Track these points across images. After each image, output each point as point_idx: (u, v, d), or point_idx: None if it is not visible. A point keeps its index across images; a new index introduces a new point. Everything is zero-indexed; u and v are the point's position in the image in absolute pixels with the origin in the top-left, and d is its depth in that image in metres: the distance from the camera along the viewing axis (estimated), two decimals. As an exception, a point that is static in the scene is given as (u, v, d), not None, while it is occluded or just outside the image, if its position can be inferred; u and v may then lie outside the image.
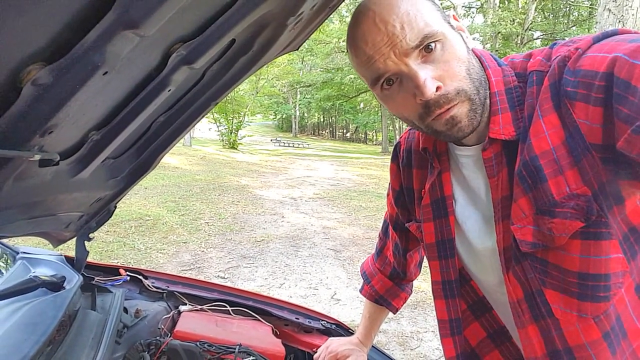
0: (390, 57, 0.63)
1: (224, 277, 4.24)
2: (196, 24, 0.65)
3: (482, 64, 0.72)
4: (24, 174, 0.60)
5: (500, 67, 0.72)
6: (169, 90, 0.75)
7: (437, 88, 0.63)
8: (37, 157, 0.54)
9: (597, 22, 6.16)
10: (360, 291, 1.20)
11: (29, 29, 0.39)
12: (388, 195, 1.01)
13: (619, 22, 5.68)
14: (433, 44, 0.63)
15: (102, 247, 4.78)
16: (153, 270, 1.46)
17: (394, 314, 1.18)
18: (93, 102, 0.62)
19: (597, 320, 0.66)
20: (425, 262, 1.05)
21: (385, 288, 1.14)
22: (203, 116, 1.06)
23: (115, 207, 1.18)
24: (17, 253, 1.26)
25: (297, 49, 1.09)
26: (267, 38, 0.84)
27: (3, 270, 1.27)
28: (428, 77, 0.62)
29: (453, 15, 0.71)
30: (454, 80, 0.64)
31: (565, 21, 23.39)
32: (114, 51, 0.48)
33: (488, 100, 0.70)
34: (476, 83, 0.66)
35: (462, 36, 0.69)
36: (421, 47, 0.63)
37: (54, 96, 0.48)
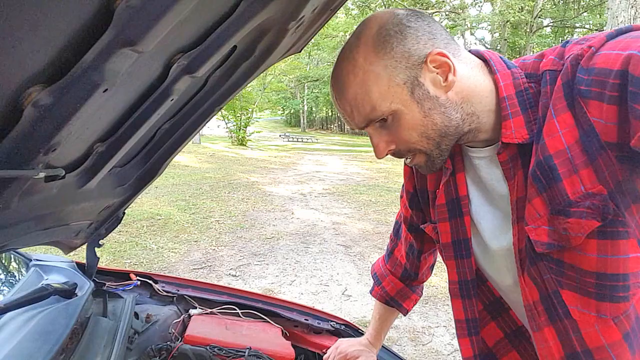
0: (352, 124, 0.74)
1: (235, 275, 4.27)
2: (196, 34, 0.64)
3: (490, 68, 0.71)
4: (31, 190, 0.61)
5: (510, 70, 0.70)
6: (172, 100, 0.75)
7: (389, 150, 0.72)
8: (42, 174, 0.54)
9: (608, 8, 6.03)
10: (371, 292, 1.20)
11: (27, 53, 0.39)
12: (402, 197, 1.01)
13: (632, 7, 5.55)
14: (385, 118, 0.69)
15: (115, 247, 4.84)
16: (163, 274, 1.47)
17: (404, 315, 1.18)
18: (96, 117, 0.62)
19: (617, 321, 0.66)
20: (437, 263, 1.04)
21: (396, 289, 1.14)
22: (208, 121, 1.07)
23: (124, 213, 1.19)
24: (30, 260, 1.28)
25: (300, 51, 1.08)
26: (269, 43, 0.83)
27: (17, 275, 1.29)
28: (380, 143, 0.72)
29: (438, 53, 0.66)
30: (406, 144, 0.71)
31: (576, 7, 22.90)
32: (113, 69, 0.48)
33: (492, 105, 0.69)
34: (436, 139, 0.70)
35: (424, 98, 0.67)
36: (371, 124, 0.70)
37: (56, 116, 0.48)
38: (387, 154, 0.73)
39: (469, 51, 0.74)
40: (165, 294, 1.35)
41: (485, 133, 0.71)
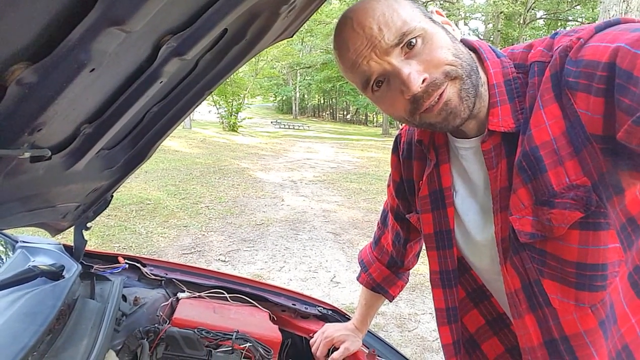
0: (372, 59, 0.65)
1: (224, 261, 4.28)
2: (185, 15, 0.63)
3: (480, 56, 0.71)
4: (16, 171, 0.60)
5: (499, 59, 0.71)
6: (161, 82, 0.74)
7: (424, 80, 0.64)
8: (27, 154, 0.54)
9: (601, 2, 6.04)
10: (358, 279, 1.22)
11: (11, 29, 0.38)
12: (389, 186, 1.02)
13: (623, 1, 5.57)
14: (414, 40, 0.64)
15: (104, 231, 4.81)
16: (151, 257, 1.47)
17: (390, 301, 1.20)
18: (83, 97, 0.61)
19: (594, 309, 0.67)
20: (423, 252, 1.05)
21: (383, 276, 1.16)
22: (198, 105, 1.05)
23: (112, 196, 1.19)
24: (17, 242, 1.27)
25: (292, 36, 1.07)
26: (260, 27, 0.82)
27: (3, 257, 1.28)
28: (412, 71, 0.63)
29: (436, 11, 0.71)
30: (440, 66, 0.64)
31: (569, 0, 22.93)
32: (100, 48, 0.47)
33: (486, 91, 0.70)
34: (466, 67, 0.66)
35: (446, 29, 0.69)
36: (402, 45, 0.64)
37: (41, 95, 0.48)
38: (422, 85, 0.64)
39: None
40: (153, 277, 1.35)
41: (482, 109, 0.70)
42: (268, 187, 8.02)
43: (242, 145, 14.67)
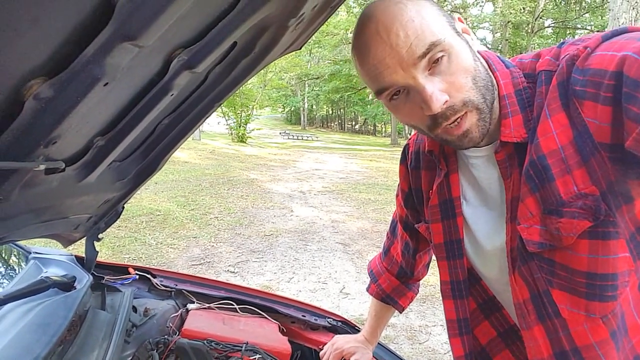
0: (396, 71, 0.63)
1: (233, 272, 4.28)
2: (196, 30, 0.65)
3: (489, 67, 0.71)
4: (31, 183, 0.61)
5: (509, 69, 0.71)
6: (172, 95, 0.76)
7: (445, 102, 0.62)
8: (42, 167, 0.55)
9: (610, 10, 6.03)
10: (367, 290, 1.21)
11: (28, 47, 0.40)
12: (397, 196, 1.01)
13: (633, 9, 5.55)
14: (440, 55, 0.62)
15: (114, 242, 4.85)
16: (161, 268, 1.48)
17: (400, 312, 1.19)
18: (96, 111, 0.63)
19: (605, 320, 0.66)
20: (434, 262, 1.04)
21: (392, 287, 1.15)
22: (207, 117, 1.07)
23: (123, 207, 1.20)
24: (30, 253, 1.29)
25: (300, 49, 1.09)
26: (269, 40, 0.84)
27: (17, 268, 1.30)
28: (435, 91, 0.62)
29: (458, 18, 0.70)
30: (460, 92, 0.63)
31: (577, 8, 22.90)
32: (114, 63, 0.49)
33: (497, 104, 0.70)
34: (482, 90, 0.66)
35: (467, 41, 0.67)
36: (428, 56, 0.62)
37: (56, 109, 0.49)
38: (442, 107, 0.63)
39: None
40: (163, 288, 1.35)
41: (493, 120, 0.70)
42: (277, 197, 8.03)
43: (251, 156, 14.76)
